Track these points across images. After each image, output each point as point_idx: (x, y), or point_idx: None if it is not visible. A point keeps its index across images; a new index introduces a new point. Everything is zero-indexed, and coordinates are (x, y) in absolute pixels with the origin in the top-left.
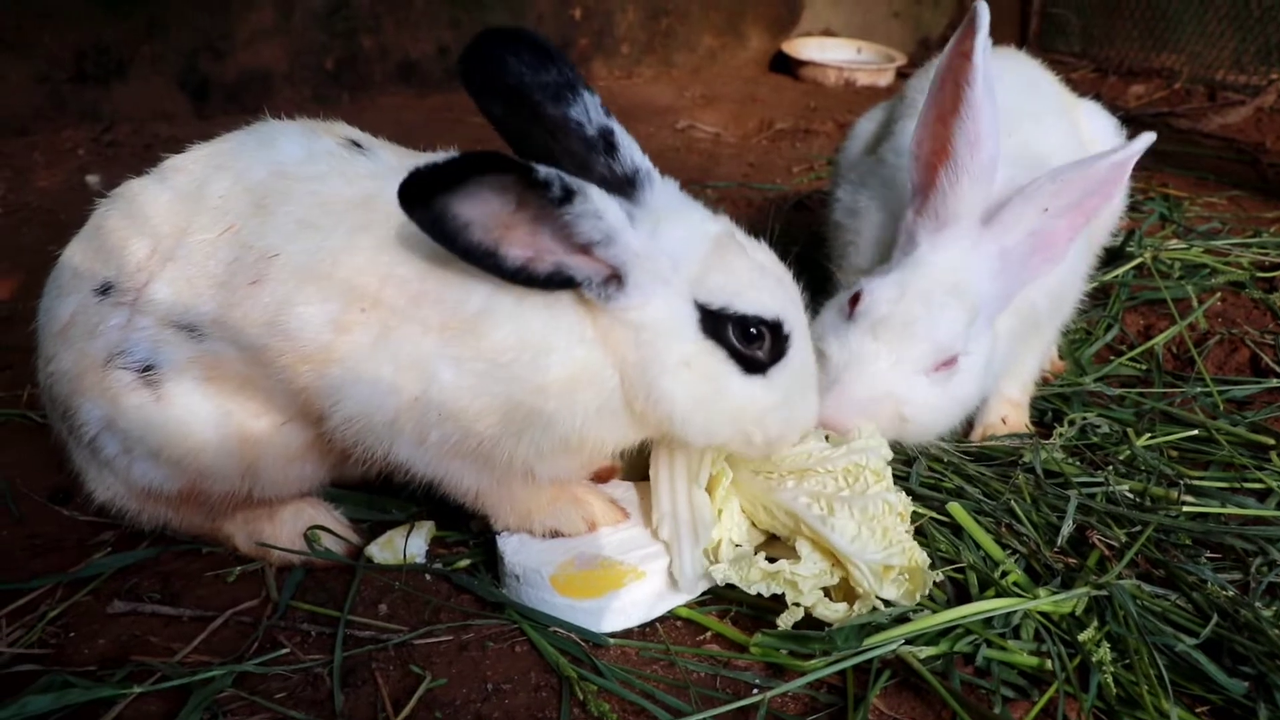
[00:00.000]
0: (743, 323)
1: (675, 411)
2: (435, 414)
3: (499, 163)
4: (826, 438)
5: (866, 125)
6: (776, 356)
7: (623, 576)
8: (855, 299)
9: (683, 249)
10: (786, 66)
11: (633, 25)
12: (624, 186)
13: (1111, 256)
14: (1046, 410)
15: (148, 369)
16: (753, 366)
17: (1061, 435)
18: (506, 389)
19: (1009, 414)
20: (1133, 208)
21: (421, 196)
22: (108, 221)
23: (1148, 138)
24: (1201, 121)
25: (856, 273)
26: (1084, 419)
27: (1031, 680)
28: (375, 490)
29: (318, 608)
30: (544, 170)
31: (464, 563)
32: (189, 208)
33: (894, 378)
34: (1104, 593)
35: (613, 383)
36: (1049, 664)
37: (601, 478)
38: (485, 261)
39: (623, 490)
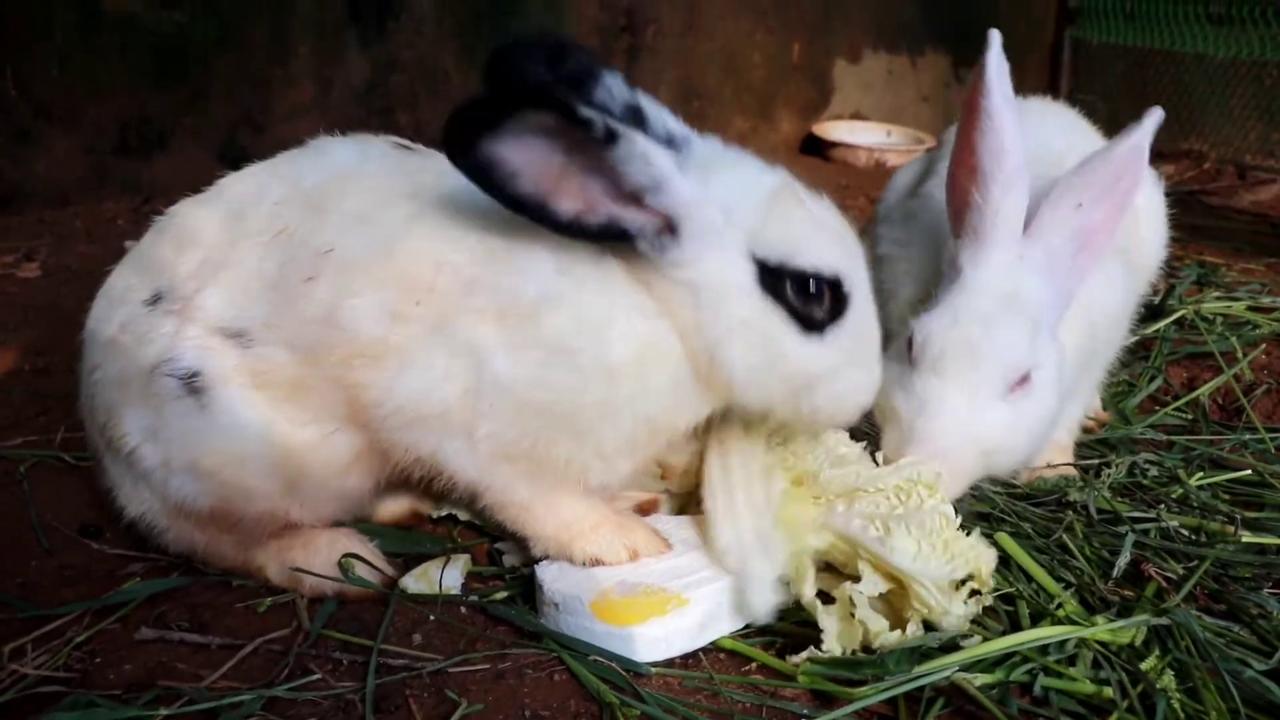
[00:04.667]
0: (801, 278)
1: (735, 376)
2: (487, 405)
3: (538, 97)
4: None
5: (904, 176)
6: (835, 316)
7: (665, 603)
8: (911, 342)
9: (736, 200)
10: (817, 148)
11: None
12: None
13: (1153, 313)
14: (1092, 458)
15: (193, 376)
16: (810, 325)
17: (1111, 475)
18: (572, 380)
19: (1055, 458)
20: (1170, 273)
21: (466, 140)
22: (161, 236)
23: (1156, 113)
24: (1233, 198)
25: (912, 304)
26: (1134, 460)
27: (1091, 709)
28: (410, 527)
29: (350, 636)
30: (585, 109)
31: (500, 595)
32: (243, 214)
33: (972, 414)
34: (1164, 621)
35: (678, 352)
36: (1108, 692)
37: (644, 510)
38: (536, 213)
39: (664, 523)
